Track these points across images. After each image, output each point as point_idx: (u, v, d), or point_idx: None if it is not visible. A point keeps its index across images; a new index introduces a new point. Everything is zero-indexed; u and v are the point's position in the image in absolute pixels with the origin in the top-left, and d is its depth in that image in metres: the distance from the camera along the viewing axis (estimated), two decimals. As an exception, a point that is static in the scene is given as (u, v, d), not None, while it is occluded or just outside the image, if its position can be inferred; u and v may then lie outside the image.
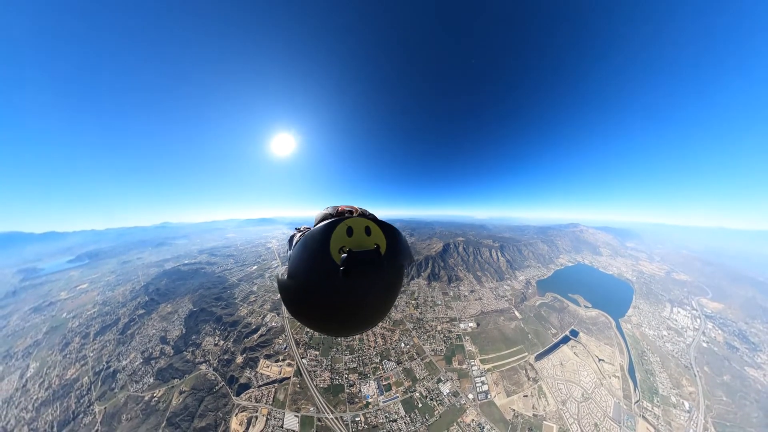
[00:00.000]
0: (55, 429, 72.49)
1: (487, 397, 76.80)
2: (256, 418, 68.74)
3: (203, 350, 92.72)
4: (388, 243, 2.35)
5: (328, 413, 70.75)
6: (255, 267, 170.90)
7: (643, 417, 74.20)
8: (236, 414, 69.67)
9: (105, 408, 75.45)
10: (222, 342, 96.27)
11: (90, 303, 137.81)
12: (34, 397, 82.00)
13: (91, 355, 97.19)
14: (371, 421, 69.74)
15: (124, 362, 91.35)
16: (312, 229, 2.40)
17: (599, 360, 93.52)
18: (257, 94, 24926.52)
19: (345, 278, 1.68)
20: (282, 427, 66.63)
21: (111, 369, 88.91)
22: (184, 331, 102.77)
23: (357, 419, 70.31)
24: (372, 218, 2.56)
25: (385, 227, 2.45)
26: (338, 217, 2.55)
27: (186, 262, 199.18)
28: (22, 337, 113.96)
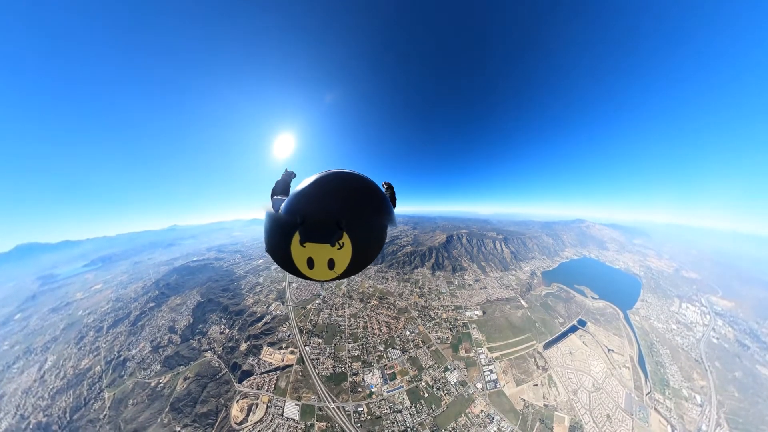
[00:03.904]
0: (67, 414, 75.32)
1: (496, 387, 75.10)
2: (257, 405, 68.02)
3: (209, 338, 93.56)
4: (353, 258, 2.57)
5: (329, 402, 69.35)
6: (261, 261, 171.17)
7: (656, 409, 72.46)
8: (237, 401, 69.19)
9: (114, 394, 77.99)
10: (227, 330, 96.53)
11: (104, 301, 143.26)
12: (51, 387, 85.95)
13: (104, 346, 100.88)
14: (375, 412, 67.93)
15: (133, 351, 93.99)
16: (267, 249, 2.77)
17: (608, 350, 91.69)
18: (258, 95, 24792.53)
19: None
20: (282, 416, 65.62)
21: (121, 358, 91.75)
22: (191, 321, 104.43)
23: (360, 409, 68.50)
24: (338, 234, 2.37)
25: (355, 244, 2.52)
26: (293, 226, 2.38)
27: (195, 259, 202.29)
28: (40, 335, 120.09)
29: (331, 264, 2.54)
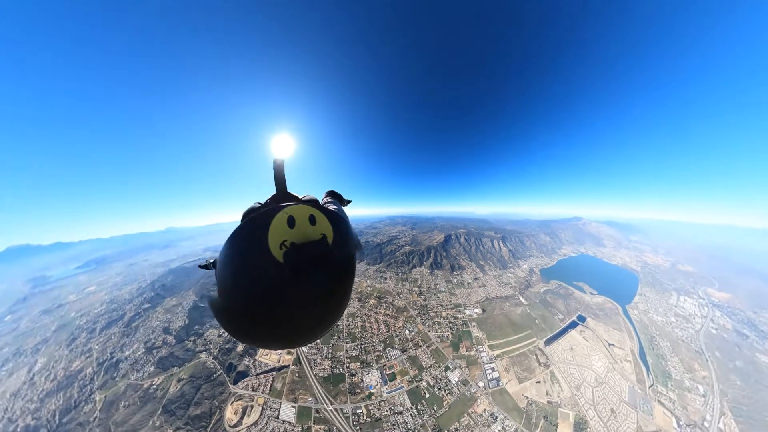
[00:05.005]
0: (57, 417, 73.37)
1: (498, 385, 73.56)
2: (252, 407, 65.89)
3: (204, 339, 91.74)
4: (335, 232, 2.00)
5: (327, 404, 67.16)
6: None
7: (659, 401, 71.63)
8: (232, 403, 67.12)
9: (105, 396, 75.92)
10: (224, 330, 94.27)
11: (97, 302, 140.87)
12: (40, 389, 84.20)
13: (96, 347, 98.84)
14: (374, 414, 65.71)
15: (126, 353, 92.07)
16: (242, 224, 1.78)
17: (609, 345, 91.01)
18: (256, 93, 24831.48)
19: (292, 279, 1.44)
20: (278, 418, 63.36)
21: (114, 359, 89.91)
22: (187, 322, 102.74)
23: (359, 411, 66.23)
24: (315, 204, 2.09)
25: (331, 215, 1.96)
26: (275, 205, 1.90)
27: (191, 260, 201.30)
28: (31, 337, 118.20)
29: (312, 220, 1.81)
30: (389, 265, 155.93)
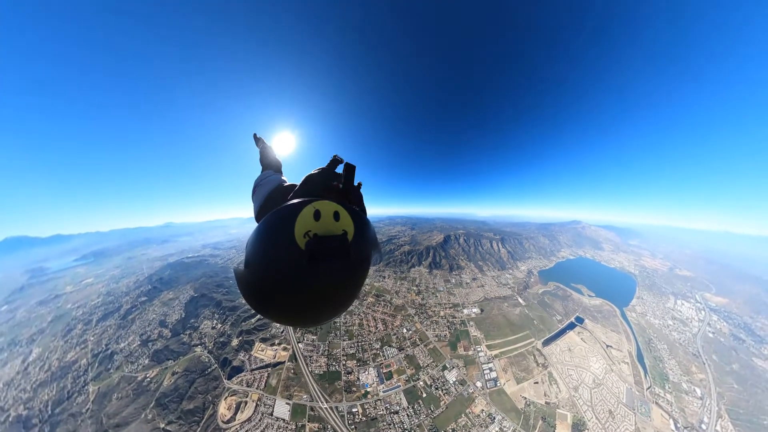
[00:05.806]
0: (49, 408, 73.20)
1: (496, 385, 72.87)
2: (246, 403, 65.03)
3: (200, 333, 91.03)
4: (356, 230, 1.95)
5: (322, 402, 66.23)
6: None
7: (657, 403, 71.43)
8: (225, 398, 66.25)
9: (98, 388, 75.43)
10: (219, 325, 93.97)
11: (94, 294, 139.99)
12: (34, 379, 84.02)
13: (92, 339, 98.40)
14: (370, 413, 64.75)
15: (122, 344, 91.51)
16: (275, 210, 1.84)
17: (607, 346, 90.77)
18: (257, 92, 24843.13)
19: (309, 265, 1.38)
20: (272, 415, 62.45)
21: (109, 351, 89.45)
22: (183, 315, 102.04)
23: (354, 410, 65.21)
24: (342, 202, 2.09)
25: (355, 214, 2.07)
26: (306, 199, 1.84)
27: (189, 255, 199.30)
28: (27, 327, 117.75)
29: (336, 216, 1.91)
30: (388, 264, 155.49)
